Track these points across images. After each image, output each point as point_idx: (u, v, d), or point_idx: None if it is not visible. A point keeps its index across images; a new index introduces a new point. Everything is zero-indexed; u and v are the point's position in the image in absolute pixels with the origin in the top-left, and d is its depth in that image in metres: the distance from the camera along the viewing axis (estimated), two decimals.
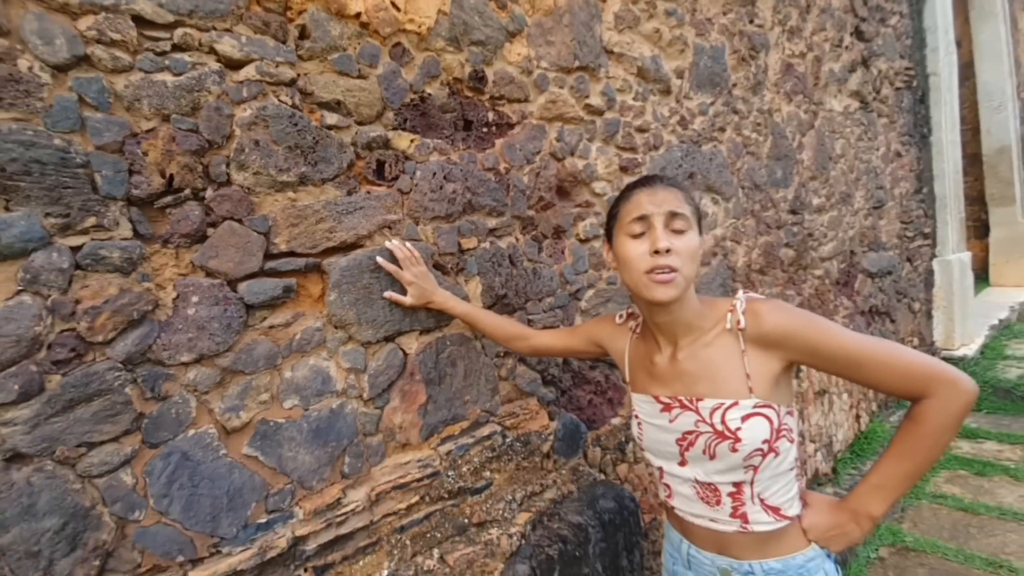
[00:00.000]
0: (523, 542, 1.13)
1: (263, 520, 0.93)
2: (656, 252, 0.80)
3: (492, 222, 1.27)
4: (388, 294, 1.07)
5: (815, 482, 2.42)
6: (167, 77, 0.86)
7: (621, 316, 1.03)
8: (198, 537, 0.86)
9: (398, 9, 1.10)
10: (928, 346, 3.56)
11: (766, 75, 2.19)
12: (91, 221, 0.78)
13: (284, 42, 0.98)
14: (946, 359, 3.58)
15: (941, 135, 3.47)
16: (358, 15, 1.05)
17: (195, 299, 0.87)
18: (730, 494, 0.85)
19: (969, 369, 3.54)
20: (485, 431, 1.21)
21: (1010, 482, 2.52)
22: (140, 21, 0.84)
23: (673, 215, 0.82)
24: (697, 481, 0.87)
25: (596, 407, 1.51)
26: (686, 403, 0.86)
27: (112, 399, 0.79)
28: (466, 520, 1.14)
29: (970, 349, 3.62)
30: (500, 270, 1.28)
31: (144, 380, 0.82)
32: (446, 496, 1.12)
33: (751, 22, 2.11)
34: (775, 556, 0.85)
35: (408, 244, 1.09)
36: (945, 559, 2.06)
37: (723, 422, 0.82)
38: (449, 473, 1.13)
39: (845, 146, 2.72)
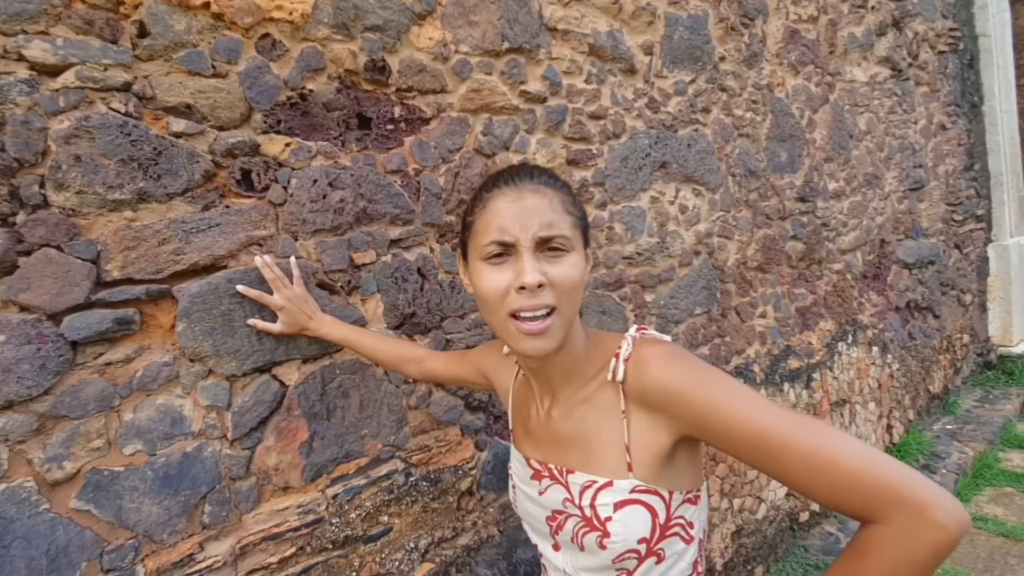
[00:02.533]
0: None
1: None
2: (523, 288, 0.59)
3: (395, 232, 1.12)
4: (252, 321, 0.94)
5: None
6: None
7: (506, 349, 0.84)
8: None
9: None
10: (982, 342, 3.16)
11: (764, 45, 1.92)
12: None
13: (115, 42, 0.86)
14: (1003, 356, 3.17)
15: (994, 104, 3.03)
16: (207, 4, 0.92)
17: (1, 339, 0.78)
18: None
19: (1022, 368, 3.13)
20: (384, 469, 1.07)
21: None
22: None
23: (546, 234, 0.60)
24: (566, 574, 0.69)
25: None
26: (556, 474, 0.69)
27: None
28: (354, 574, 1.01)
29: None
30: (406, 286, 1.13)
31: None
32: (331, 546, 1.00)
33: None
34: None
35: (275, 263, 0.96)
36: None
37: (592, 506, 0.63)
38: (335, 520, 1.00)
39: (872, 121, 2.39)
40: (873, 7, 2.40)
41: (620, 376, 0.63)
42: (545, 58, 1.37)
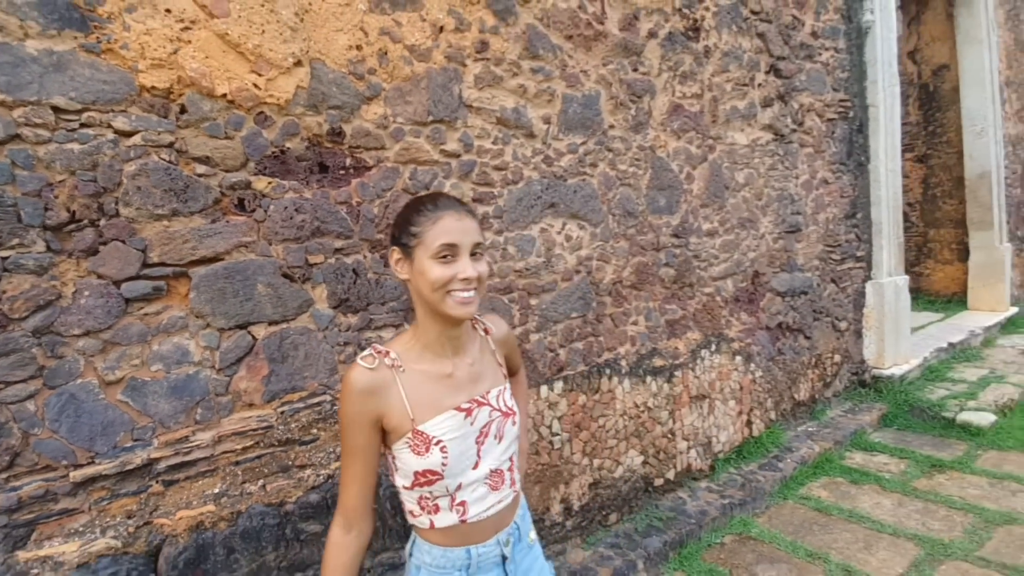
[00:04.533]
0: (327, 480, 1.54)
1: (128, 444, 1.37)
2: (465, 279, 0.92)
3: (339, 243, 1.67)
4: None
5: (691, 476, 2.72)
6: (75, 146, 1.30)
7: (369, 362, 0.96)
8: (79, 450, 1.31)
9: (259, 88, 1.52)
10: (856, 363, 3.74)
11: (650, 116, 2.49)
12: (15, 241, 1.23)
13: (166, 116, 1.41)
14: (876, 376, 3.76)
15: (879, 164, 3.63)
16: (224, 95, 1.47)
17: (87, 293, 1.32)
18: (508, 468, 1.04)
19: (895, 388, 3.72)
20: (318, 400, 1.62)
21: (876, 491, 2.75)
22: (57, 109, 1.28)
23: (477, 245, 0.95)
24: (489, 474, 0.99)
25: None
26: (480, 400, 1.01)
27: (23, 355, 1.24)
28: (290, 463, 1.55)
29: (901, 369, 3.78)
30: (344, 280, 1.68)
31: (46, 344, 1.27)
32: (276, 444, 1.54)
33: (635, 70, 2.42)
34: (517, 502, 1.08)
35: None
36: (776, 548, 2.34)
37: (504, 403, 1.04)
38: (280, 427, 1.55)
39: (752, 175, 2.97)
40: (760, 84, 2.98)
41: (492, 331, 1.15)
42: (462, 126, 1.93)
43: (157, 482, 1.39)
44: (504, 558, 1.04)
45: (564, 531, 2.23)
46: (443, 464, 0.94)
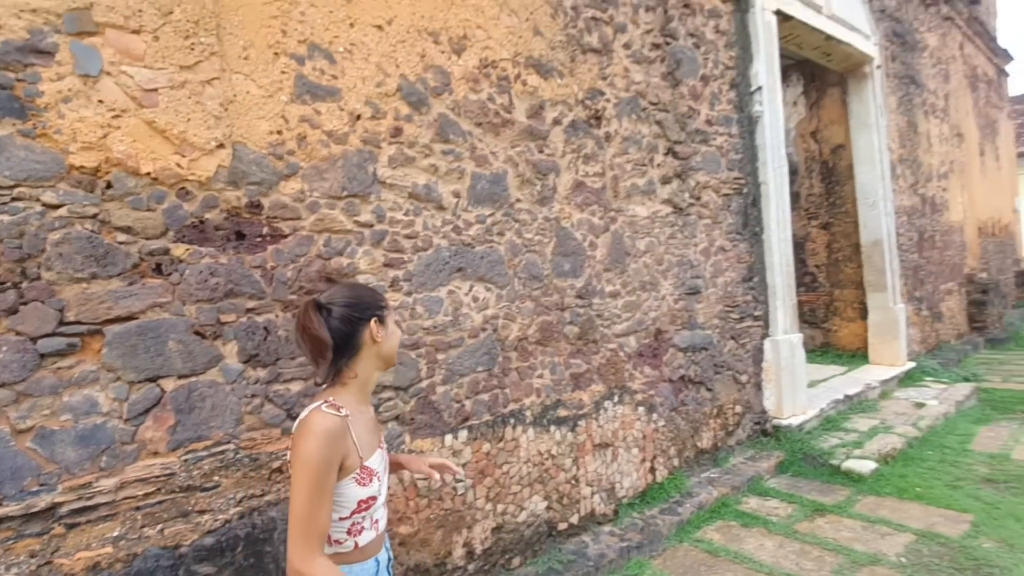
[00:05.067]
0: (224, 525, 1.67)
1: (34, 489, 1.47)
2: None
3: (252, 303, 1.86)
4: None
5: (595, 521, 2.91)
6: (5, 217, 1.47)
7: (335, 411, 1.14)
8: None
9: (182, 167, 1.73)
10: (758, 413, 4.07)
11: (555, 191, 2.82)
12: None
13: (92, 191, 1.60)
14: (776, 426, 4.09)
15: (771, 234, 4.08)
16: (149, 173, 1.67)
17: (4, 348, 1.45)
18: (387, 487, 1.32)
19: (793, 436, 4.05)
20: (222, 448, 1.76)
21: (763, 533, 3.00)
22: None
23: None
24: (388, 493, 1.32)
25: None
26: (381, 440, 1.33)
27: None
28: (190, 508, 1.67)
29: (798, 419, 4.12)
30: (254, 337, 1.86)
31: None
32: (178, 490, 1.67)
33: (540, 152, 2.76)
34: None
35: None
36: None
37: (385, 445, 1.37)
38: (183, 474, 1.68)
39: (652, 243, 3.33)
40: (659, 164, 3.39)
41: None
42: (375, 200, 2.18)
43: (60, 524, 1.49)
44: (389, 559, 1.34)
45: (466, 575, 2.36)
46: (379, 491, 1.23)
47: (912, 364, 5.79)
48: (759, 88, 3.99)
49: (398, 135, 2.25)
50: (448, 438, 2.34)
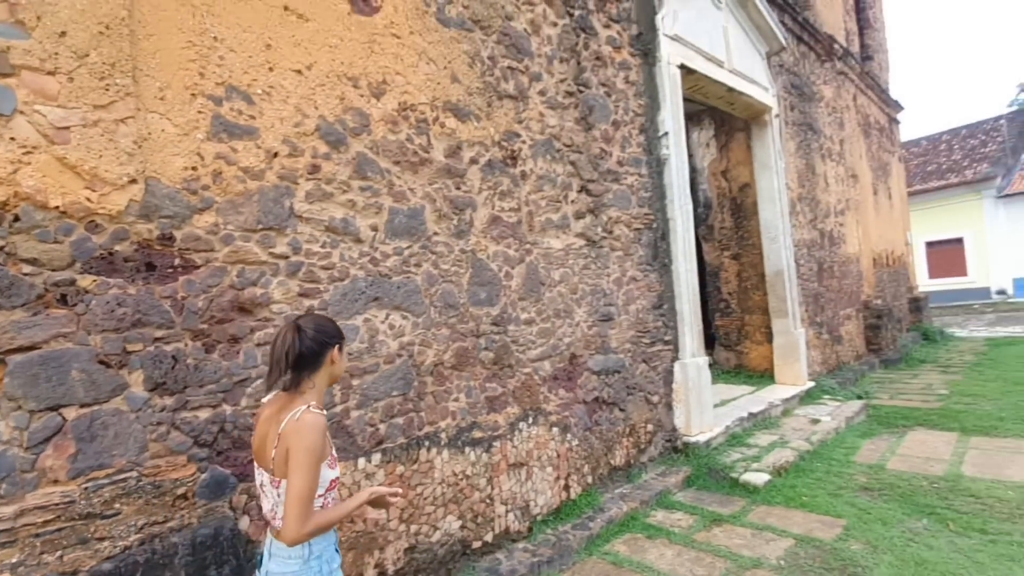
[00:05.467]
0: (123, 551, 1.70)
1: None
2: None
3: (160, 333, 1.92)
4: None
5: (509, 538, 3.04)
6: None
7: (317, 410, 1.44)
8: None
9: (92, 202, 1.79)
10: (669, 431, 4.36)
11: (472, 225, 3.02)
12: None
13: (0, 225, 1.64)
14: (687, 443, 4.39)
15: (679, 265, 4.45)
16: (58, 207, 1.73)
17: None
18: None
19: (700, 452, 4.36)
20: (124, 476, 1.79)
21: (665, 544, 3.23)
22: None
23: None
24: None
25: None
26: None
27: None
28: (89, 535, 1.70)
29: (705, 436, 4.44)
30: (162, 365, 1.91)
31: None
32: (78, 518, 1.69)
33: (458, 189, 2.96)
34: None
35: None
36: None
37: None
38: (83, 502, 1.70)
39: (567, 274, 3.58)
40: (573, 201, 3.67)
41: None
42: (291, 233, 2.29)
43: None
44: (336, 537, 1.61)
45: None
46: (340, 472, 1.59)
47: (812, 384, 6.33)
48: (666, 133, 4.40)
49: (316, 172, 2.38)
50: (361, 461, 2.43)
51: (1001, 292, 19.34)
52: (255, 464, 1.53)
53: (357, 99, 2.55)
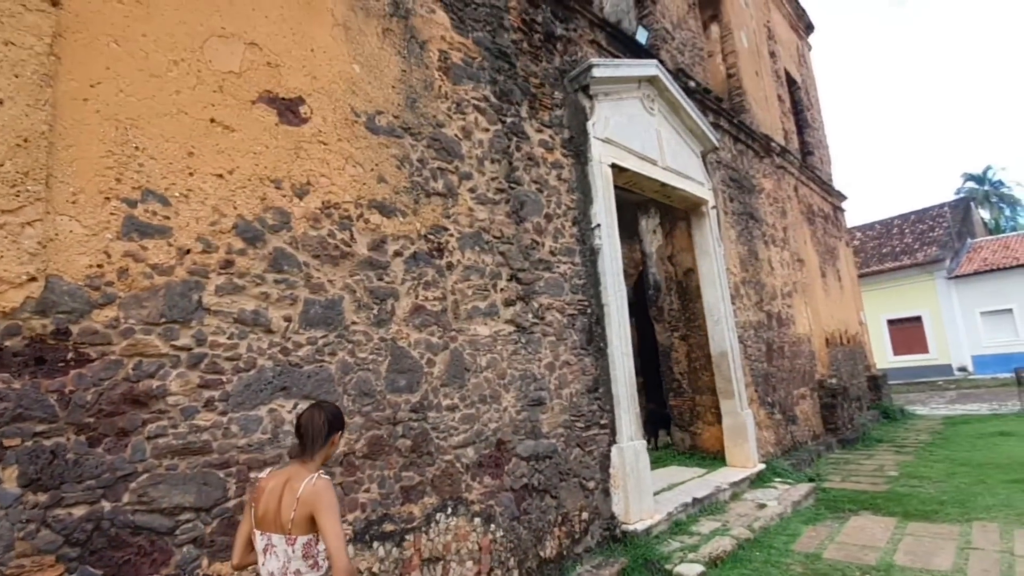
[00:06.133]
0: None
1: None
2: None
3: (41, 427, 1.93)
4: None
5: None
6: None
7: (327, 476, 1.81)
8: None
9: None
10: (607, 519, 4.29)
11: (393, 315, 3.12)
12: None
13: None
14: (625, 531, 4.30)
15: (614, 349, 4.58)
16: None
17: None
18: None
19: (639, 542, 4.26)
20: None
21: None
22: None
23: None
24: None
25: (133, 565, 2.06)
26: None
27: None
28: None
29: (645, 524, 4.37)
30: (39, 461, 1.91)
31: None
32: None
33: (380, 280, 3.09)
34: None
35: None
36: None
37: None
38: None
39: (494, 359, 3.67)
40: (502, 289, 3.83)
41: None
42: (197, 325, 2.36)
43: None
44: None
45: None
46: None
47: (763, 466, 6.31)
48: (598, 225, 4.67)
49: (229, 267, 2.50)
50: None
51: (962, 369, 19.84)
52: (257, 531, 1.80)
53: (279, 199, 2.72)
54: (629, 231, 7.97)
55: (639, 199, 6.94)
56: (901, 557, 4.01)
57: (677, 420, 7.16)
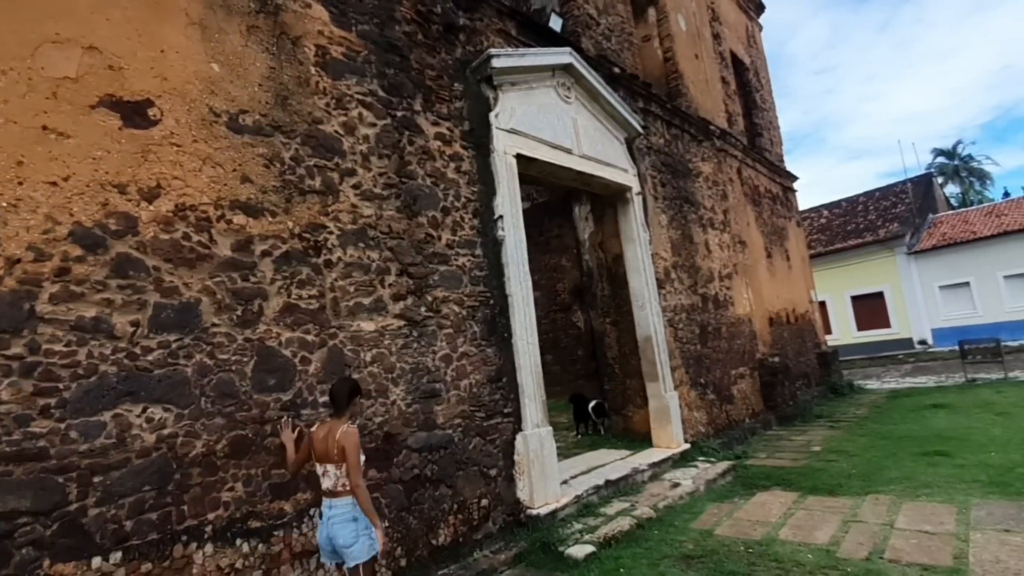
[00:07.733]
0: None
1: None
2: None
3: None
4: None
5: None
6: None
7: (354, 425, 2.68)
8: None
9: None
10: (511, 505, 4.41)
11: (261, 315, 3.16)
12: None
13: None
14: (530, 516, 4.43)
15: (519, 339, 4.66)
16: None
17: None
18: None
19: (542, 526, 4.40)
20: None
21: None
22: None
23: None
24: None
25: None
26: None
27: None
28: None
29: (550, 507, 4.50)
30: None
31: None
32: None
33: (245, 280, 3.11)
34: None
35: None
36: None
37: None
38: None
39: (381, 354, 3.72)
40: (391, 284, 3.87)
41: None
42: (29, 334, 2.38)
43: None
44: None
45: None
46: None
47: (688, 446, 6.50)
48: (501, 216, 4.72)
49: (65, 275, 2.51)
50: (96, 560, 2.42)
51: (923, 342, 20.40)
52: (317, 463, 2.65)
53: (123, 204, 2.72)
54: (565, 218, 8.01)
55: (573, 188, 6.99)
56: (786, 532, 4.19)
57: (611, 404, 7.32)
